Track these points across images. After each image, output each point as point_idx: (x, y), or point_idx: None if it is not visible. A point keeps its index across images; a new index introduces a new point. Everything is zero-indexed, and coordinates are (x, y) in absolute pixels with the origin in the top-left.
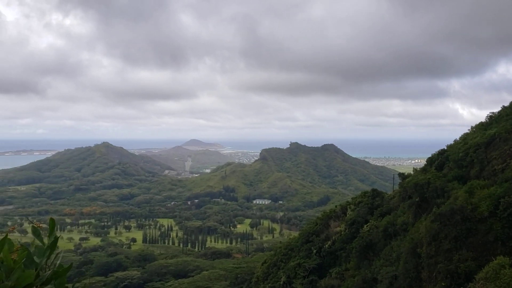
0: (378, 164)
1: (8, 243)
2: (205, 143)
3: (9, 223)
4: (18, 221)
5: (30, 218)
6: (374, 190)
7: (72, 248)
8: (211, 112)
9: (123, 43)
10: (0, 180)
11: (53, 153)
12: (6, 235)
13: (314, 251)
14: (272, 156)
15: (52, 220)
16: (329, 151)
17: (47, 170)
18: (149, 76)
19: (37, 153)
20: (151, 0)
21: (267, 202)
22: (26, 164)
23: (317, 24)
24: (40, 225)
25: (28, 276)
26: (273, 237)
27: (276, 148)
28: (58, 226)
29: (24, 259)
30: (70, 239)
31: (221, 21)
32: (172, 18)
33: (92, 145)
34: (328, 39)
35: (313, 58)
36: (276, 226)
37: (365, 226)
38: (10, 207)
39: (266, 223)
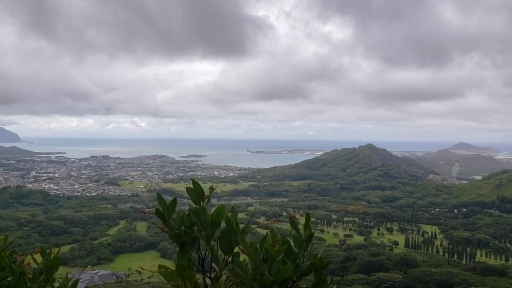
0: None
1: (272, 233)
2: (476, 147)
3: (284, 214)
4: (292, 212)
5: (298, 211)
6: None
7: (337, 243)
8: (481, 113)
9: (380, 44)
10: (277, 175)
11: (321, 153)
12: (274, 231)
13: None
14: None
15: (307, 214)
16: None
17: (316, 168)
18: (409, 76)
19: (307, 153)
20: None
21: None
22: (298, 162)
23: None
24: (296, 217)
25: (286, 270)
26: None
27: None
28: (325, 221)
29: (287, 253)
30: (335, 234)
31: (488, 11)
32: (432, 14)
33: (356, 147)
34: None
35: None
36: None
37: None
38: (285, 199)
39: None
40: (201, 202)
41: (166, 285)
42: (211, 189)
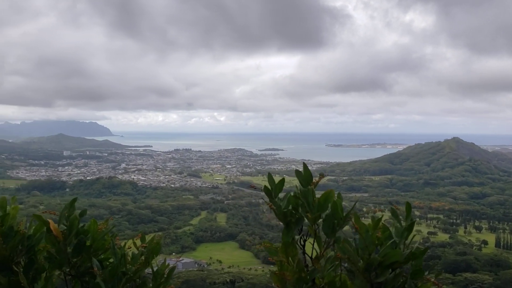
0: None
1: (373, 221)
2: None
3: (364, 209)
4: (372, 208)
5: (379, 206)
6: None
7: (421, 240)
8: None
9: (466, 32)
10: (358, 170)
11: (404, 147)
12: (380, 219)
13: None
14: None
15: (408, 204)
16: None
17: (398, 163)
18: (499, 64)
19: (389, 147)
20: None
21: None
22: (379, 156)
23: None
24: (398, 207)
25: (396, 254)
26: None
27: None
28: None
29: (390, 239)
30: (418, 231)
31: None
32: None
33: (441, 140)
34: None
35: None
36: None
37: None
38: (365, 194)
39: None
40: (309, 186)
41: (245, 275)
42: (321, 175)
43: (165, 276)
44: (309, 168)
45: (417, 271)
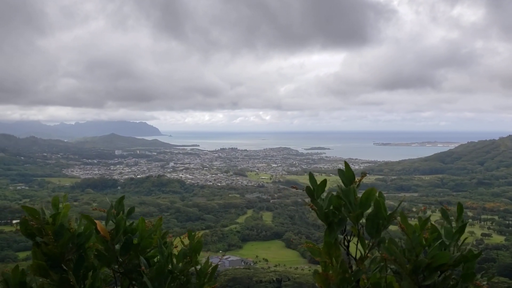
0: None
1: (421, 221)
2: None
3: (414, 209)
4: (422, 208)
5: (430, 207)
6: None
7: (474, 242)
8: None
9: None
10: (407, 169)
11: (456, 145)
12: (427, 219)
13: None
14: None
15: (460, 205)
16: None
17: (449, 161)
18: None
19: (440, 145)
20: None
21: None
22: (430, 155)
23: None
24: (449, 208)
25: (443, 256)
26: None
27: None
28: None
29: (439, 241)
30: (471, 233)
31: None
32: None
33: (496, 138)
34: None
35: None
36: None
37: None
38: (415, 194)
39: None
40: (351, 184)
41: (291, 274)
42: (363, 174)
43: (208, 274)
44: (357, 167)
45: (468, 274)
